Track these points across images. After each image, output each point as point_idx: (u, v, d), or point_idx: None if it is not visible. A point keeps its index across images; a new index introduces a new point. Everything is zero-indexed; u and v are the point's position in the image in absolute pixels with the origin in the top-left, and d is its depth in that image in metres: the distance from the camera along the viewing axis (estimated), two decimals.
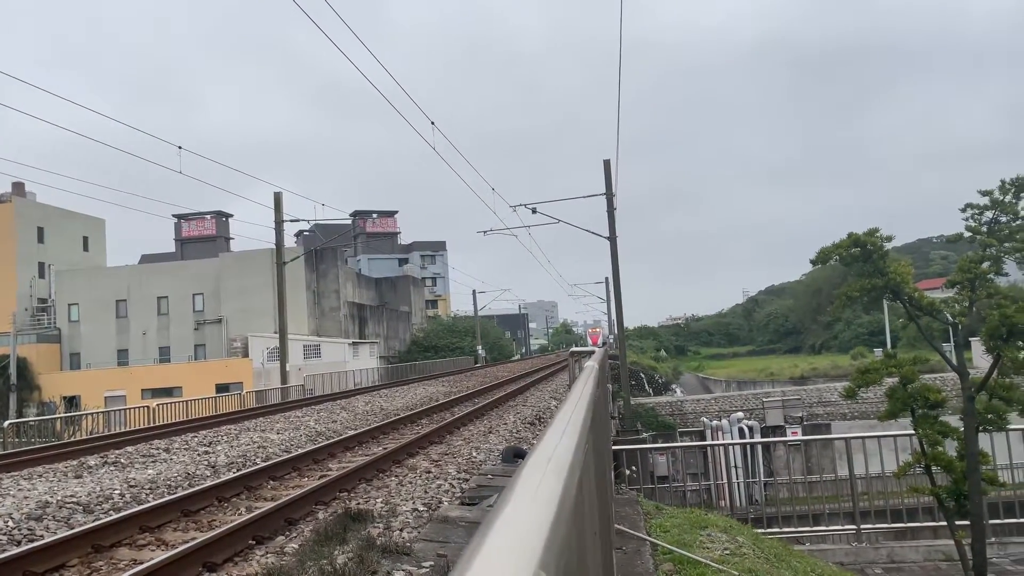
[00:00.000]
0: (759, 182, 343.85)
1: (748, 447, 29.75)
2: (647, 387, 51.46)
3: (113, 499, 9.13)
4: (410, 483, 9.23)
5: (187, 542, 6.53)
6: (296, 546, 6.57)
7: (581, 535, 1.74)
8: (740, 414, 34.81)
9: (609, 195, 31.17)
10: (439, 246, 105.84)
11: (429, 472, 9.92)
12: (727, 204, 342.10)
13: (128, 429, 20.27)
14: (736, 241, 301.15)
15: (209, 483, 9.39)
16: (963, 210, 15.08)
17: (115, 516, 7.65)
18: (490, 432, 14.09)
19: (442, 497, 8.27)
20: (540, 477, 1.13)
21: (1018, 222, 14.68)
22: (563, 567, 0.91)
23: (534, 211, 31.49)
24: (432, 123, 21.51)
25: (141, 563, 6.02)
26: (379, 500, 8.28)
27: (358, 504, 8.11)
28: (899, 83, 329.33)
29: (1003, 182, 14.70)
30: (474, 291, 73.12)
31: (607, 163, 31.35)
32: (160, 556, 6.13)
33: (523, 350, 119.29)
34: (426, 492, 8.57)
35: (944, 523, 13.81)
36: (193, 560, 6.03)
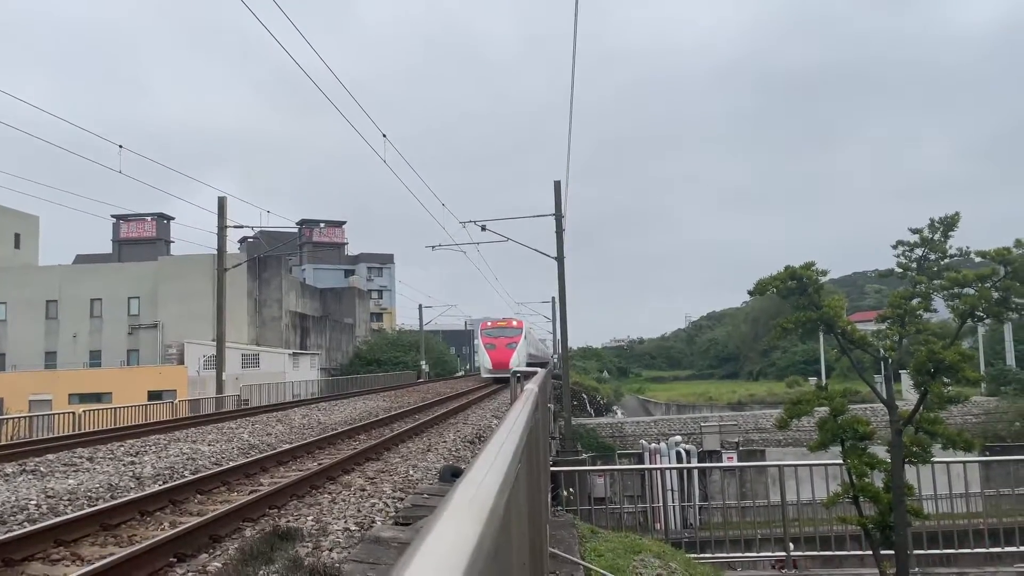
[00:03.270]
0: (711, 206, 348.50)
1: (685, 471, 30.12)
2: (588, 408, 51.65)
3: (28, 510, 8.75)
4: (343, 501, 9.05)
5: (104, 558, 6.27)
6: (219, 565, 6.36)
7: (504, 573, 1.69)
8: (678, 438, 35.19)
9: (558, 216, 31.36)
10: (387, 259, 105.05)
11: (364, 490, 9.75)
12: (677, 227, 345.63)
13: (52, 436, 19.49)
14: (683, 265, 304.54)
15: (132, 495, 9.06)
16: (895, 246, 15.27)
17: (29, 528, 7.32)
18: (428, 450, 13.95)
19: (375, 516, 8.12)
20: (457, 523, 1.08)
21: (946, 260, 14.93)
22: None
23: (483, 228, 31.53)
24: (384, 135, 21.27)
25: None
26: (310, 518, 8.10)
27: (287, 522, 7.91)
28: (863, 115, 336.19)
29: (932, 220, 14.78)
30: (420, 306, 72.51)
31: (557, 184, 31.58)
32: (75, 572, 5.87)
33: (467, 366, 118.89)
34: (359, 511, 8.42)
35: (870, 552, 14.14)
36: None
